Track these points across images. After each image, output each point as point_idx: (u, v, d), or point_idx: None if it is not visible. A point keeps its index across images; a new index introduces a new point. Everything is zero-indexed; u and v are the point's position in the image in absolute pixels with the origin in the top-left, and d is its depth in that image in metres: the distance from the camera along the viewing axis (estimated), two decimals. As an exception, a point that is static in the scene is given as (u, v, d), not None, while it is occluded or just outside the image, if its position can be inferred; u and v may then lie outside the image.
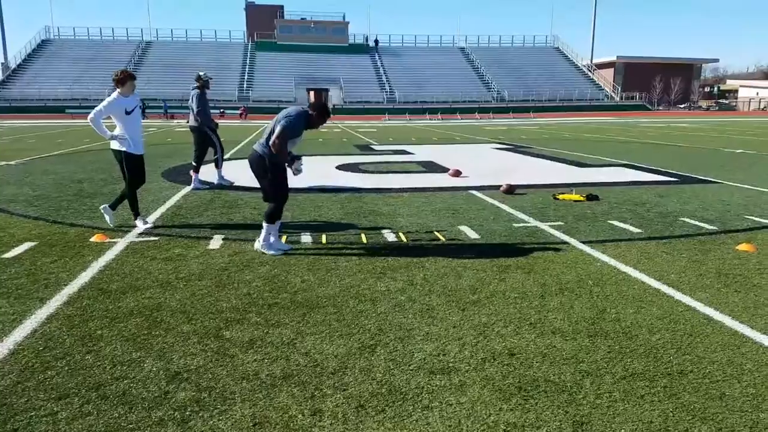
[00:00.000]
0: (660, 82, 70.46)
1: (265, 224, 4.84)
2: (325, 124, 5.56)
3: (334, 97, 61.82)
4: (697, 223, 6.02)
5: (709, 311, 3.52)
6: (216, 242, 5.24)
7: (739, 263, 4.55)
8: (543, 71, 68.67)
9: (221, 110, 50.97)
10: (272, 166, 4.72)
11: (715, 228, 5.78)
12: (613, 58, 77.41)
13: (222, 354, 2.93)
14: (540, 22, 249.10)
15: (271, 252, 4.82)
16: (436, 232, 5.62)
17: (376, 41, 72.27)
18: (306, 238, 5.42)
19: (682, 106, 70.52)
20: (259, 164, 4.75)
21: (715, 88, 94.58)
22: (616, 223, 6.04)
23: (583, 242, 5.24)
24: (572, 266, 4.50)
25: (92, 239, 5.31)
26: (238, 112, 47.40)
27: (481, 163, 12.07)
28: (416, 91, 61.63)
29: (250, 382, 2.63)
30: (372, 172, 10.49)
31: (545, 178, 9.64)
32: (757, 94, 77.51)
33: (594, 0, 71.01)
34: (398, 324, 3.33)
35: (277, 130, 4.57)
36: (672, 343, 3.06)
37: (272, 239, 4.89)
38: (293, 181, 5.49)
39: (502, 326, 3.30)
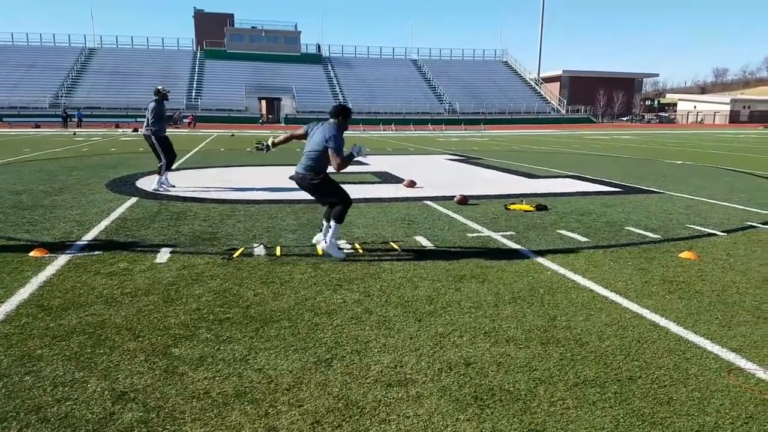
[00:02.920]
0: (603, 95, 73.54)
1: (334, 223, 5.04)
2: (277, 134, 5.62)
3: (287, 107, 61.43)
4: (641, 232, 6.26)
5: (656, 318, 3.65)
6: (163, 256, 5.06)
7: (682, 270, 4.75)
8: (493, 84, 70.47)
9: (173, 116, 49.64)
10: (322, 183, 5.05)
11: (658, 237, 6.02)
12: (559, 72, 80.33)
13: (170, 372, 2.81)
14: (488, 37, 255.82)
15: (335, 254, 5.00)
16: (392, 243, 5.62)
17: (318, 46, 72.16)
18: (259, 250, 5.31)
19: (624, 118, 73.72)
20: (309, 186, 5.09)
21: (656, 102, 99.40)
22: (564, 232, 6.21)
23: (534, 251, 5.36)
24: (524, 275, 4.58)
25: (31, 254, 5.03)
26: (187, 120, 46.29)
27: (435, 174, 12.21)
28: (370, 101, 62.04)
29: (200, 401, 2.53)
30: (326, 183, 10.42)
31: (497, 188, 9.83)
32: (695, 107, 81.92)
33: (541, 16, 73.54)
34: (355, 336, 3.29)
35: (332, 156, 4.90)
36: (621, 349, 3.15)
37: (337, 241, 5.07)
38: (247, 193, 5.37)
39: (458, 336, 3.32)
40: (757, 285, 4.35)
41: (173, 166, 9.52)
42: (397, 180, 10.86)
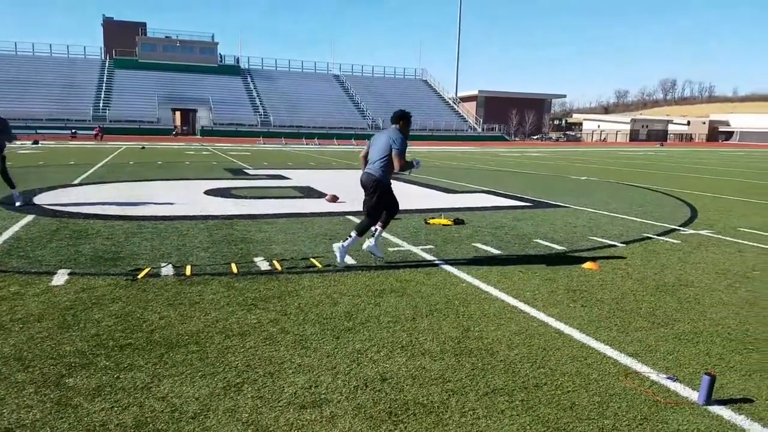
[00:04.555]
0: (516, 114, 77.33)
1: (354, 234, 5.40)
2: (192, 146, 5.45)
3: (203, 118, 59.60)
4: (548, 244, 6.58)
5: (560, 326, 3.83)
6: (60, 278, 4.69)
7: (584, 280, 5.03)
8: (413, 102, 72.19)
9: (72, 130, 46.63)
10: (387, 187, 5.42)
11: (563, 248, 6.36)
12: (476, 92, 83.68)
13: (63, 404, 2.59)
14: (409, 56, 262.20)
15: (379, 254, 5.57)
16: (312, 259, 5.55)
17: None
18: (167, 269, 5.05)
19: (535, 137, 77.81)
20: (376, 186, 5.37)
21: (563, 121, 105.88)
22: (479, 245, 6.41)
23: (451, 264, 5.48)
24: (441, 288, 4.67)
25: None
26: (93, 132, 43.69)
27: (358, 189, 12.23)
28: (292, 115, 61.54)
29: (96, 435, 2.35)
30: (245, 198, 10.17)
31: (417, 203, 10.01)
32: (599, 126, 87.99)
33: (458, 37, 76.49)
34: (268, 358, 3.19)
35: (396, 157, 5.26)
36: (528, 357, 3.27)
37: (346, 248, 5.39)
38: (156, 208, 5.12)
39: (375, 351, 3.31)
40: (652, 292, 4.69)
41: (76, 181, 8.85)
42: (319, 195, 10.79)
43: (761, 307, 4.36)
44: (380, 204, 5.43)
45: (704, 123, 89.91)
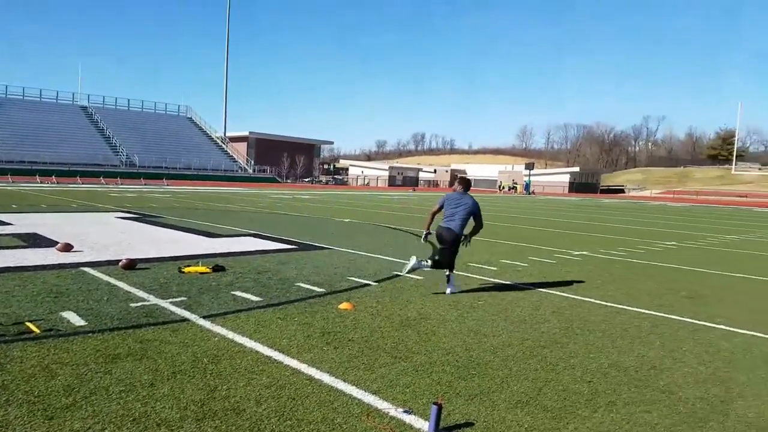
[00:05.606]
0: (287, 158, 79.05)
1: (430, 262, 6.71)
2: None
3: None
4: (309, 287, 6.68)
5: (312, 371, 3.84)
6: None
7: (339, 321, 5.19)
8: (177, 140, 68.64)
9: None
10: (458, 239, 6.80)
11: (323, 290, 6.52)
12: (246, 133, 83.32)
13: None
14: (172, 91, 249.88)
15: (458, 290, 6.82)
16: (28, 323, 4.64)
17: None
18: None
19: (306, 180, 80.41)
20: (455, 240, 6.74)
21: (332, 166, 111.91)
22: (239, 293, 6.19)
23: (205, 317, 5.15)
24: (190, 345, 4.32)
25: None
26: None
27: (100, 235, 10.87)
28: (22, 148, 52.91)
29: None
30: (-55, 250, 8.19)
31: (173, 249, 9.31)
32: (362, 172, 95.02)
33: (225, 76, 75.52)
34: (-56, 459, 2.50)
35: (477, 215, 6.92)
36: (276, 410, 3.18)
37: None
38: None
39: (100, 429, 2.85)
40: (397, 327, 5.06)
41: None
42: (48, 243, 9.26)
43: (483, 334, 5.03)
44: (453, 246, 6.76)
45: (447, 171, 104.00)
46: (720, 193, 73.38)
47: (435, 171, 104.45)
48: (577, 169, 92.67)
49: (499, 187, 74.40)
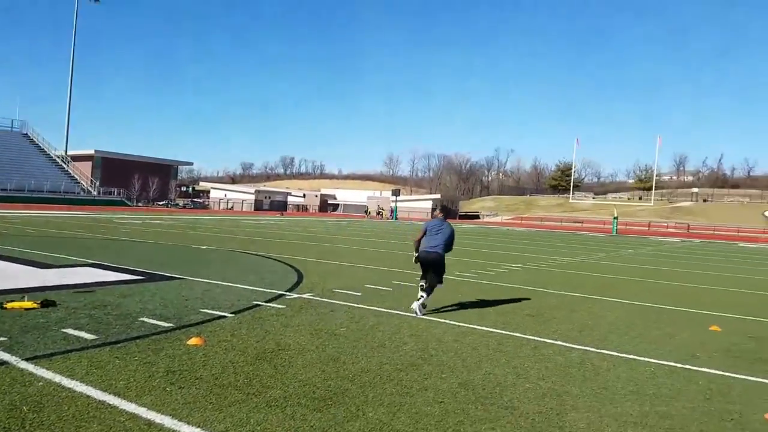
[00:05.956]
0: (139, 179, 73.50)
1: (429, 294, 7.44)
2: None
3: None
4: (155, 321, 6.15)
5: (152, 415, 3.50)
6: None
7: (187, 358, 4.82)
8: (9, 158, 60.93)
9: None
10: (442, 260, 7.73)
11: (171, 325, 6.03)
12: (92, 152, 76.27)
13: None
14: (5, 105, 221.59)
15: (420, 313, 7.25)
16: None
17: None
18: None
19: (161, 203, 75.28)
20: (441, 263, 7.67)
21: (191, 188, 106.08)
22: (70, 331, 5.51)
23: (28, 359, 4.51)
24: (7, 392, 3.75)
25: None
26: None
27: None
28: None
29: None
30: None
31: (-8, 283, 8.08)
32: (225, 195, 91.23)
33: (69, 88, 68.60)
34: None
35: (453, 240, 7.86)
36: (106, 465, 2.83)
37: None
38: None
39: None
40: (251, 362, 4.82)
41: None
42: None
43: (342, 362, 4.99)
44: (440, 268, 7.65)
45: (317, 195, 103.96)
46: (560, 218, 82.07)
47: (304, 195, 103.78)
48: (438, 195, 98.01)
49: (366, 212, 76.00)
